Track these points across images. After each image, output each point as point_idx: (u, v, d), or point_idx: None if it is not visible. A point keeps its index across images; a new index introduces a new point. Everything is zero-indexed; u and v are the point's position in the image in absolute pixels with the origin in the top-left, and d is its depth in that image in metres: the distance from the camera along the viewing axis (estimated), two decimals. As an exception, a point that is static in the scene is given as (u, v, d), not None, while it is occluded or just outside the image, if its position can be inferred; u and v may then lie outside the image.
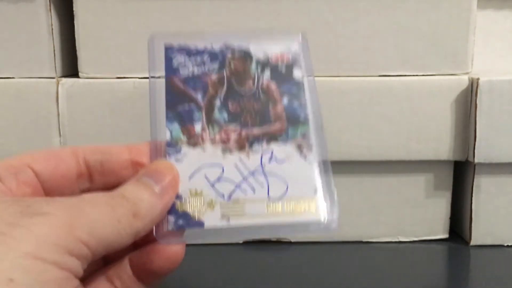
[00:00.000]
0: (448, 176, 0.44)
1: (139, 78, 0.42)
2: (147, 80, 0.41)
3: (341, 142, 0.42)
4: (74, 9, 0.41)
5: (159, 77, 0.30)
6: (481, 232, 0.44)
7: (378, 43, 0.42)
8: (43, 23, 0.42)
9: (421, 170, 0.44)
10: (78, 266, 0.21)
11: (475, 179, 0.43)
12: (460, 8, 0.41)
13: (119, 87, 0.42)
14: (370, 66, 0.42)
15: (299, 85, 0.31)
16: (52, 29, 0.42)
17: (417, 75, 0.42)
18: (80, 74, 0.42)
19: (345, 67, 0.42)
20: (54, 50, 0.42)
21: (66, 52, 0.44)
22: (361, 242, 0.45)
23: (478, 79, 0.40)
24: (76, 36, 0.42)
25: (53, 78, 0.42)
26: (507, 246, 0.44)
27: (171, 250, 0.26)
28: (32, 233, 0.20)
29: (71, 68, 0.44)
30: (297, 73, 0.31)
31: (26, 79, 0.42)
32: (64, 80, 0.42)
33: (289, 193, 0.27)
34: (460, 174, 0.45)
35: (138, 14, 0.41)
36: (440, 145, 0.42)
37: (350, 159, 0.42)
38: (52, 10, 0.42)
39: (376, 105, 0.42)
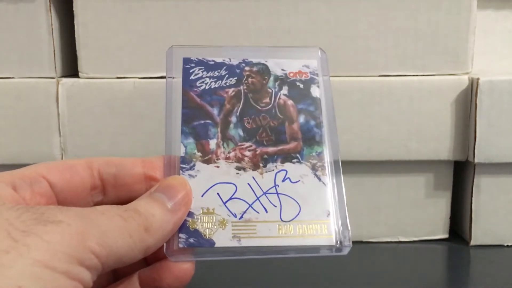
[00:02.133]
0: (448, 176, 0.44)
1: (139, 78, 0.42)
2: (147, 80, 0.42)
3: (341, 142, 0.42)
4: (74, 9, 0.41)
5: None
6: (481, 232, 0.44)
7: (378, 43, 0.42)
8: (43, 23, 0.42)
9: (421, 170, 0.44)
10: (87, 277, 0.21)
11: (475, 179, 0.43)
12: (460, 8, 0.41)
13: (119, 87, 0.42)
14: (370, 66, 0.42)
15: (316, 103, 0.31)
16: (52, 29, 0.42)
17: (417, 75, 0.42)
18: (80, 74, 0.42)
19: (345, 67, 0.42)
20: (54, 50, 0.42)
21: (66, 52, 0.44)
22: (361, 242, 0.45)
23: (478, 79, 0.40)
24: (76, 36, 0.42)
25: (53, 78, 0.42)
26: (507, 246, 0.44)
27: (181, 268, 0.26)
28: (44, 241, 0.20)
29: (71, 68, 0.44)
30: (315, 91, 0.31)
31: (26, 79, 0.42)
32: (64, 80, 0.42)
33: (302, 215, 0.27)
34: (460, 174, 0.45)
35: (138, 14, 0.41)
36: (440, 145, 0.42)
37: (350, 159, 0.42)
38: (52, 10, 0.42)
39: (376, 105, 0.42)
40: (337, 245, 0.27)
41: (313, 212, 0.27)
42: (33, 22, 0.42)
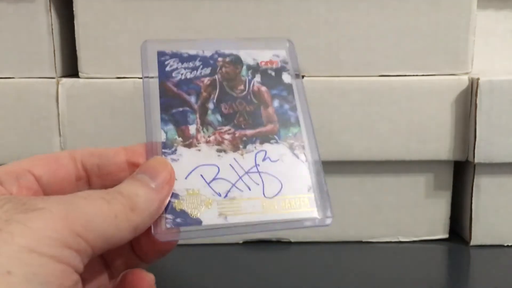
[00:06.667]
0: (448, 176, 0.44)
1: (139, 78, 0.42)
2: (147, 80, 0.42)
3: (341, 142, 0.42)
4: (74, 9, 0.41)
5: (152, 78, 0.31)
6: (481, 232, 0.44)
7: (378, 43, 0.42)
8: (43, 23, 0.42)
9: (421, 170, 0.44)
10: (77, 260, 0.21)
11: (475, 179, 0.43)
12: (460, 8, 0.41)
13: (119, 87, 0.42)
14: (370, 66, 0.42)
15: (288, 88, 0.32)
16: (52, 29, 0.42)
17: (417, 75, 0.42)
18: (80, 74, 0.42)
19: (345, 67, 0.42)
20: (54, 50, 0.42)
21: (66, 52, 0.44)
22: (361, 242, 0.45)
23: (478, 79, 0.40)
24: (76, 36, 0.42)
25: (53, 78, 0.42)
26: (507, 246, 0.44)
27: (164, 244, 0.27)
28: (28, 228, 0.20)
29: (71, 68, 0.44)
30: (286, 78, 0.32)
31: (26, 79, 0.42)
32: (64, 80, 0.42)
33: (284, 191, 0.28)
34: (460, 174, 0.45)
35: (138, 14, 0.41)
36: (440, 145, 0.42)
37: (350, 159, 0.42)
38: (52, 10, 0.42)
39: (376, 105, 0.42)
40: (320, 217, 0.28)
41: (294, 187, 0.29)
42: (33, 22, 0.42)
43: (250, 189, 0.28)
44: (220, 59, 0.32)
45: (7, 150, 0.42)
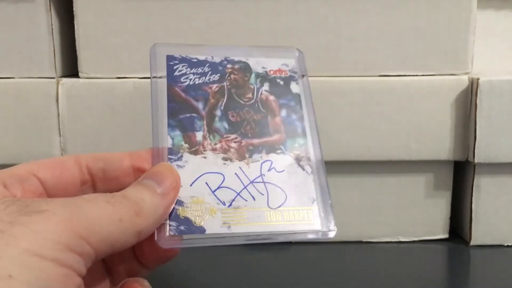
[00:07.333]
0: (448, 176, 0.44)
1: (139, 78, 0.42)
2: (147, 80, 0.42)
3: (341, 142, 0.42)
4: (74, 9, 0.41)
5: (160, 78, 0.31)
6: (481, 232, 0.44)
7: (378, 43, 0.42)
8: (43, 23, 0.42)
9: (421, 170, 0.44)
10: (79, 264, 0.21)
11: (475, 179, 0.43)
12: (460, 8, 0.41)
13: (119, 87, 0.42)
14: (370, 66, 0.42)
15: (296, 98, 0.32)
16: (52, 29, 0.42)
17: (417, 75, 0.42)
18: (80, 74, 0.42)
19: (345, 67, 0.42)
20: (54, 50, 0.42)
21: (66, 52, 0.44)
22: (361, 242, 0.45)
23: (478, 79, 0.40)
24: (76, 36, 0.42)
25: (53, 78, 0.42)
26: (507, 246, 0.44)
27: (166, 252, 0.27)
28: (31, 230, 0.20)
29: (71, 68, 0.44)
30: (294, 87, 0.32)
31: (26, 79, 0.42)
32: (64, 80, 0.42)
33: (288, 202, 0.28)
34: (460, 174, 0.45)
35: (138, 14, 0.41)
36: (440, 145, 0.42)
37: (350, 159, 0.42)
38: (52, 10, 0.42)
39: (376, 105, 0.42)
40: (323, 230, 0.28)
41: (298, 199, 0.29)
42: (33, 22, 0.42)
43: (254, 199, 0.28)
44: (229, 65, 0.32)
45: (7, 150, 0.42)
